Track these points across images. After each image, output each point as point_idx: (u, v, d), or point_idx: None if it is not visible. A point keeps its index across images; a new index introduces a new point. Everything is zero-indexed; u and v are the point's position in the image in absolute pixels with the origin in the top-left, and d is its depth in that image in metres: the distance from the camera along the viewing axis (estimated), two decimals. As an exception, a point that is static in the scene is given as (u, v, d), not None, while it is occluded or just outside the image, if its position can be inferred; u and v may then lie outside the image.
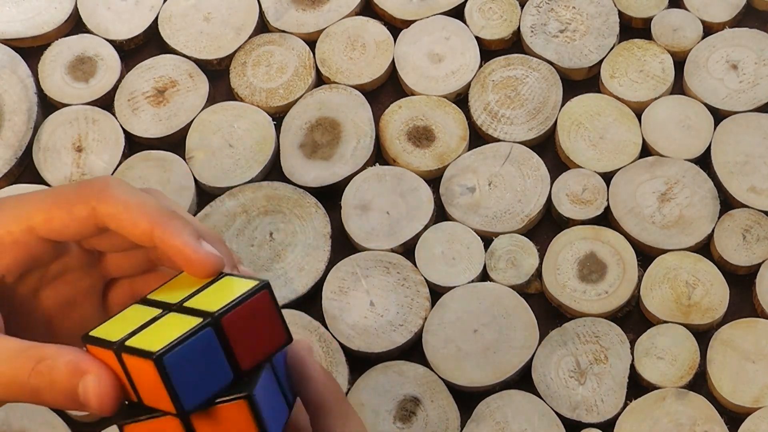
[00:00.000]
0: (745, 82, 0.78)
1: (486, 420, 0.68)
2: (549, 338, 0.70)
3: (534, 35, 0.80)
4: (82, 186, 0.51)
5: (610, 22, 0.80)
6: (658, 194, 0.74)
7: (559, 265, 0.72)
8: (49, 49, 0.81)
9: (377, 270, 0.73)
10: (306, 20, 0.82)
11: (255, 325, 0.46)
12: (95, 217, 0.50)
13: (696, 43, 0.79)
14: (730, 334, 0.70)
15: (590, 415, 0.68)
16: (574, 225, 0.74)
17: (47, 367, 0.47)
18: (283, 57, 0.80)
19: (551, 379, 0.69)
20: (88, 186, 0.51)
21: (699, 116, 0.77)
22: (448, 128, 0.77)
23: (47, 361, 0.47)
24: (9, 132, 0.78)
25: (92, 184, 0.51)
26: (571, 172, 0.76)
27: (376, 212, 0.75)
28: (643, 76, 0.78)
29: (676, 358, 0.69)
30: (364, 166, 0.76)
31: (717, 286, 0.71)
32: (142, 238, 0.49)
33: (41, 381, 0.46)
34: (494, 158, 0.76)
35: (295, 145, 0.77)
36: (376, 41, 0.81)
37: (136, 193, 0.50)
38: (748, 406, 0.68)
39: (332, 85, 0.79)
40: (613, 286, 0.72)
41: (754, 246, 0.72)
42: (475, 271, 0.72)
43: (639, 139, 0.76)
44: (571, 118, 0.77)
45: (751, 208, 0.74)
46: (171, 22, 0.82)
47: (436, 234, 0.74)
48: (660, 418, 0.68)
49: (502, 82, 0.79)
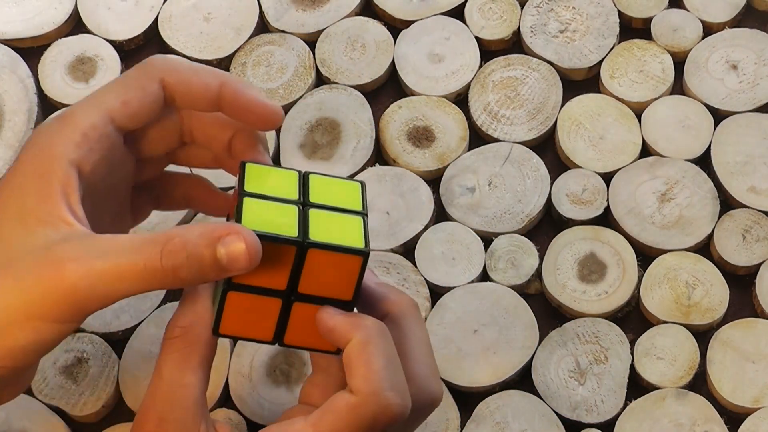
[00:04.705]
0: (745, 83, 0.78)
1: (486, 420, 0.68)
2: (549, 338, 0.70)
3: (534, 35, 0.80)
4: (145, 65, 0.53)
5: (610, 23, 0.80)
6: (658, 194, 0.74)
7: (559, 266, 0.72)
8: (49, 49, 0.81)
9: (377, 270, 0.73)
10: (306, 20, 0.82)
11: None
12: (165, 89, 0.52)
13: (696, 43, 0.79)
14: (730, 334, 0.70)
15: (590, 415, 0.68)
16: (574, 225, 0.74)
17: (179, 244, 0.47)
18: (283, 57, 0.80)
19: (551, 380, 0.69)
20: (151, 63, 0.53)
21: (699, 116, 0.77)
22: (448, 128, 0.77)
23: (176, 239, 0.47)
24: (9, 132, 0.78)
25: (153, 61, 0.53)
26: (571, 172, 0.76)
27: (376, 212, 0.75)
28: (643, 76, 0.78)
29: (676, 358, 0.69)
30: (364, 167, 0.76)
31: (717, 287, 0.71)
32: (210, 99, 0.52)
33: (176, 259, 0.47)
34: (494, 158, 0.76)
35: (295, 146, 0.77)
36: (376, 41, 0.81)
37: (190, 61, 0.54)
38: (748, 406, 0.68)
39: (332, 86, 0.79)
40: (613, 287, 0.72)
41: (754, 246, 0.72)
42: (475, 271, 0.72)
43: (639, 139, 0.76)
44: (571, 119, 0.77)
45: (751, 208, 0.74)
46: (171, 23, 0.82)
47: (436, 234, 0.74)
48: (660, 418, 0.68)
49: (502, 82, 0.79)
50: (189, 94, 0.52)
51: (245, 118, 0.53)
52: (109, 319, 0.72)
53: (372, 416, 0.49)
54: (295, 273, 0.50)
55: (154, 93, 0.52)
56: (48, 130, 0.52)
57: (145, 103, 0.52)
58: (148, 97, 0.52)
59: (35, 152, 0.51)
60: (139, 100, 0.52)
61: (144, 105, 0.52)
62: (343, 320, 0.51)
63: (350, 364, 0.50)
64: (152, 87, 0.52)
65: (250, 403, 0.69)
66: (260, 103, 0.52)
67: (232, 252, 0.47)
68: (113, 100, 0.52)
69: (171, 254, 0.47)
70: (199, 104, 0.53)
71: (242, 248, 0.47)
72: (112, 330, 0.71)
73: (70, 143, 0.50)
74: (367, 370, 0.49)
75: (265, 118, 0.53)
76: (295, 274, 0.50)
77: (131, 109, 0.52)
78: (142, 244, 0.47)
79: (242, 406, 0.69)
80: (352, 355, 0.50)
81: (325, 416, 0.49)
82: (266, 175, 0.52)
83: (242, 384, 0.70)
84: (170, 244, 0.47)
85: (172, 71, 0.52)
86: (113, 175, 0.54)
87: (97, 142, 0.51)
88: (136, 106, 0.52)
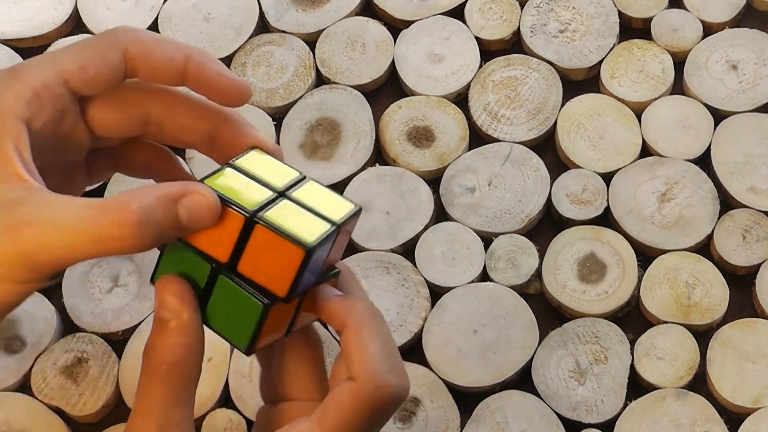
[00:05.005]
0: (745, 83, 0.78)
1: (486, 420, 0.68)
2: (549, 338, 0.70)
3: (534, 35, 0.80)
4: (109, 33, 0.51)
5: (610, 22, 0.80)
6: (658, 194, 0.74)
7: (558, 266, 0.72)
8: (49, 49, 0.81)
9: (377, 270, 0.73)
10: (306, 20, 0.82)
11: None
12: (127, 61, 0.50)
13: (696, 43, 0.79)
14: (730, 334, 0.70)
15: (590, 415, 0.68)
16: (574, 225, 0.74)
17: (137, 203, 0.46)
18: (283, 57, 0.80)
19: (551, 380, 0.69)
20: (115, 32, 0.51)
21: (699, 116, 0.77)
22: (448, 128, 0.77)
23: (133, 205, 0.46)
24: (9, 132, 0.78)
25: (118, 30, 0.51)
26: (571, 172, 0.76)
27: (376, 212, 0.75)
28: (643, 76, 0.78)
29: (676, 358, 0.69)
30: (364, 167, 0.77)
31: (717, 287, 0.71)
32: (174, 72, 0.51)
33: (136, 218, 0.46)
34: (494, 158, 0.76)
35: (295, 146, 0.77)
36: (376, 41, 0.81)
37: (159, 35, 0.52)
38: (748, 406, 0.68)
39: (332, 86, 0.79)
40: (613, 287, 0.72)
41: (754, 246, 0.72)
42: (475, 271, 0.72)
43: (639, 139, 0.76)
44: (571, 119, 0.77)
45: (751, 208, 0.74)
46: (171, 22, 0.82)
47: (436, 234, 0.74)
48: (660, 418, 0.68)
49: (502, 82, 0.79)
50: (151, 66, 0.51)
51: (210, 94, 0.52)
52: (109, 319, 0.72)
53: (374, 400, 0.49)
54: (238, 248, 0.48)
55: (114, 62, 0.51)
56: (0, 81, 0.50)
57: (104, 72, 0.51)
58: (108, 66, 0.50)
59: None
60: (97, 66, 0.50)
61: (101, 73, 0.51)
62: (338, 303, 0.51)
63: (347, 351, 0.50)
64: (113, 56, 0.51)
65: (250, 403, 0.69)
66: (228, 77, 0.51)
67: (194, 211, 0.47)
68: (70, 63, 0.50)
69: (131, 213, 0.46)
70: (162, 77, 0.51)
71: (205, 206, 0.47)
72: (112, 330, 0.71)
73: (20, 100, 0.49)
74: (363, 354, 0.49)
75: (231, 94, 0.51)
76: (238, 250, 0.48)
77: (88, 74, 0.50)
78: (99, 208, 0.47)
79: (242, 406, 0.69)
80: (349, 341, 0.50)
81: (329, 410, 0.49)
82: (265, 163, 0.51)
83: (242, 384, 0.70)
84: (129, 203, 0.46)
85: (136, 42, 0.51)
86: (65, 137, 0.52)
87: (48, 101, 0.50)
88: (92, 73, 0.50)
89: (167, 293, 0.48)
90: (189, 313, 0.48)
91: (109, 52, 0.51)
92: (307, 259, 0.47)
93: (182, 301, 0.48)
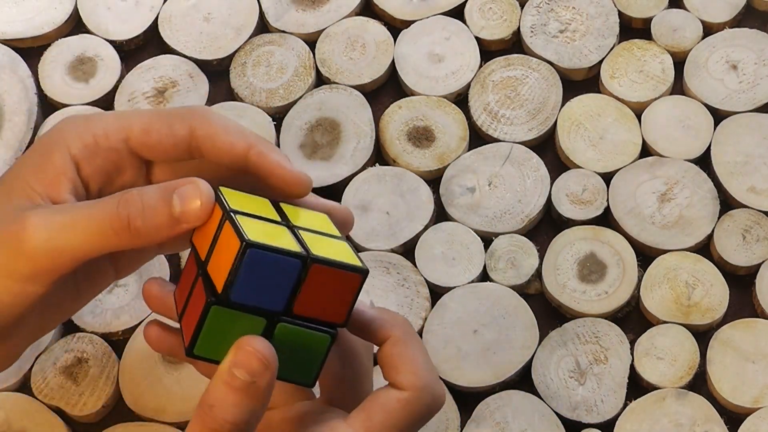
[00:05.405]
0: (745, 83, 0.78)
1: (486, 420, 0.68)
2: (549, 338, 0.70)
3: (534, 35, 0.80)
4: (183, 109, 0.54)
5: (610, 23, 0.80)
6: (658, 194, 0.74)
7: (558, 266, 0.72)
8: (49, 49, 0.81)
9: (377, 270, 0.73)
10: (306, 20, 0.82)
11: (331, 291, 0.48)
12: (192, 138, 0.53)
13: (696, 43, 0.79)
14: (730, 334, 0.70)
15: (590, 415, 0.68)
16: (574, 225, 0.74)
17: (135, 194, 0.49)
18: (283, 57, 0.80)
19: (551, 380, 0.69)
20: (189, 109, 0.54)
21: (699, 116, 0.77)
22: (448, 128, 0.77)
23: (132, 191, 0.49)
24: (9, 132, 0.78)
25: (193, 108, 0.54)
26: (571, 172, 0.76)
27: (376, 212, 0.75)
28: (643, 76, 0.78)
29: (676, 358, 0.69)
30: (364, 167, 0.76)
31: (717, 287, 0.71)
32: (236, 158, 0.52)
33: (132, 208, 0.48)
34: (494, 158, 0.76)
35: (295, 146, 0.77)
36: (376, 41, 0.81)
37: (230, 119, 0.54)
38: (748, 406, 0.68)
39: (332, 86, 0.79)
40: (613, 287, 0.72)
41: (754, 246, 0.72)
42: (475, 271, 0.72)
43: (639, 140, 0.76)
44: (571, 119, 0.77)
45: (751, 208, 0.74)
46: (171, 23, 0.82)
47: (436, 234, 0.74)
48: (660, 418, 0.68)
49: (502, 82, 0.79)
50: (215, 149, 0.53)
51: (270, 183, 0.53)
52: (109, 319, 0.72)
53: (427, 409, 0.51)
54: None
55: (179, 135, 0.53)
56: (71, 121, 0.54)
57: (165, 141, 0.53)
58: (172, 137, 0.53)
59: (50, 135, 0.54)
60: (161, 135, 0.53)
61: (163, 141, 0.53)
62: (379, 315, 0.52)
63: (394, 362, 0.51)
64: (180, 129, 0.53)
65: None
66: (287, 168, 0.52)
67: (187, 198, 0.49)
68: (136, 123, 0.53)
69: (126, 203, 0.49)
70: (224, 161, 0.53)
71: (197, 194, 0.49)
72: (112, 330, 0.71)
73: (79, 140, 0.52)
74: (415, 366, 0.51)
75: (291, 185, 0.52)
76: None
77: (150, 138, 0.53)
78: (100, 200, 0.50)
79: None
80: (396, 352, 0.51)
81: (375, 416, 0.50)
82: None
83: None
84: (127, 194, 0.49)
85: (204, 123, 0.53)
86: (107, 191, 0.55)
87: (104, 150, 0.53)
88: (155, 139, 0.53)
89: (252, 355, 0.47)
90: (269, 380, 0.47)
91: (176, 125, 0.53)
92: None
93: (266, 368, 0.47)
